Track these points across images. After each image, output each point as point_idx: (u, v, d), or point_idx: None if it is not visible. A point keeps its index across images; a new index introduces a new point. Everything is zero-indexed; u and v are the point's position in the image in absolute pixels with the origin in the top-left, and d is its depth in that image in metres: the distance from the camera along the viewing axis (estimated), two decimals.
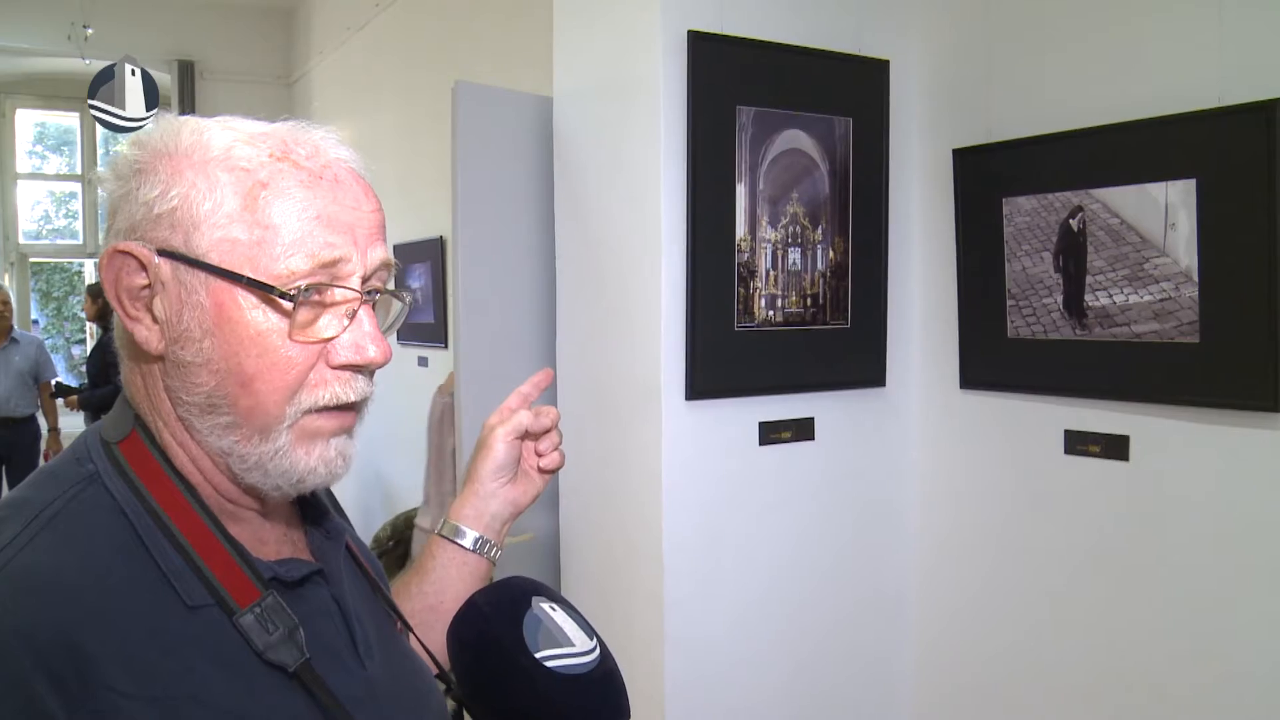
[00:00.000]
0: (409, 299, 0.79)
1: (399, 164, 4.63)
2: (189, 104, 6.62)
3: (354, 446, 0.75)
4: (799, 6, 2.01)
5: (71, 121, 8.19)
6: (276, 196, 0.68)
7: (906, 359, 2.20)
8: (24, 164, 8.08)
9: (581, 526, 2.18)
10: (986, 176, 1.99)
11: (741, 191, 1.92)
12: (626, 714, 0.84)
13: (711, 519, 1.97)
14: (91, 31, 6.00)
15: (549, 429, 1.02)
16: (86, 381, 5.64)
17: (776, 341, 2.00)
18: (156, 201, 0.68)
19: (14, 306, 5.77)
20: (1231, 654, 1.65)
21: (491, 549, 0.99)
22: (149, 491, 0.69)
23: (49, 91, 7.75)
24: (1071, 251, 1.83)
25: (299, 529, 0.81)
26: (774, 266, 1.98)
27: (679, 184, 1.88)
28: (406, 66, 4.80)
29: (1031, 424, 1.96)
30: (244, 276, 0.67)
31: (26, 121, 8.13)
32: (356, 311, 0.71)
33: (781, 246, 1.99)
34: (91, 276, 7.98)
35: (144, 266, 0.68)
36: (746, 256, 1.94)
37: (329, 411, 0.71)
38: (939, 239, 2.13)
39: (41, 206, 8.39)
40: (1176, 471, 1.72)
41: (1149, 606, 1.77)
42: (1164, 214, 1.67)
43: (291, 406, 0.69)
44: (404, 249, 4.39)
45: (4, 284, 6.94)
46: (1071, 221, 1.83)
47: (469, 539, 0.98)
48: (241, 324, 0.67)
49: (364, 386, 0.73)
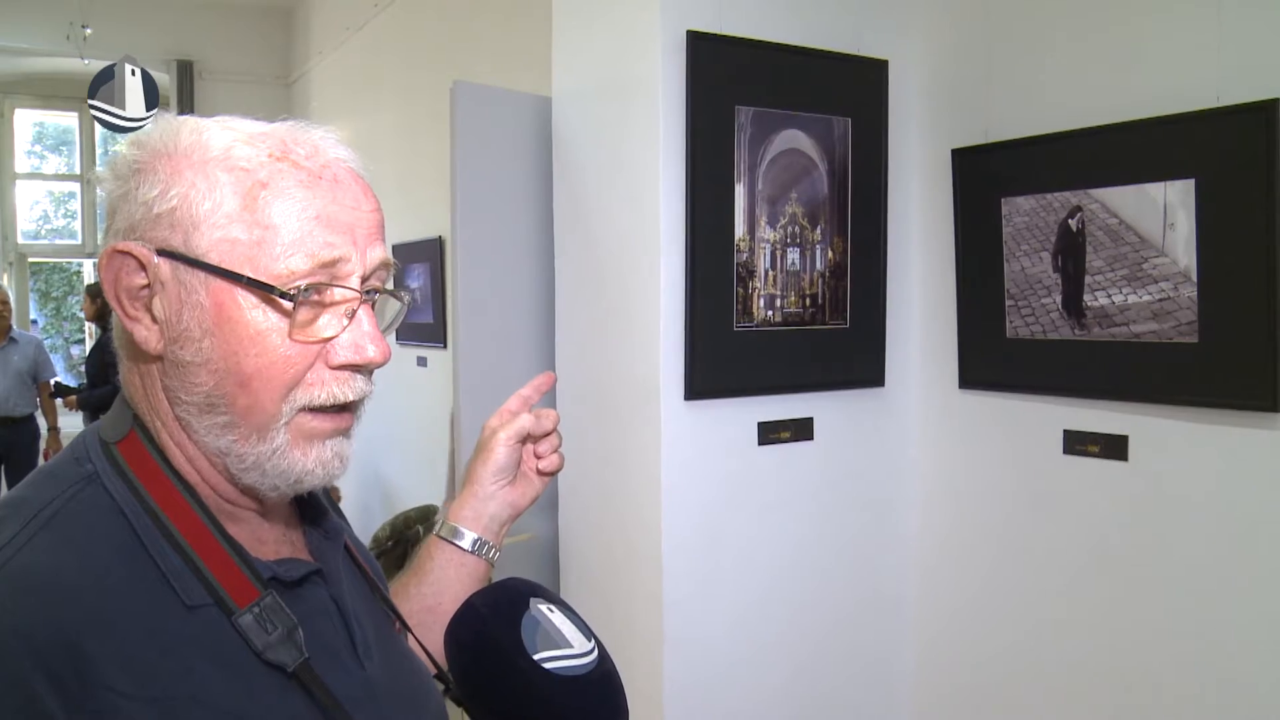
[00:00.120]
0: (408, 299, 0.79)
1: (398, 164, 4.63)
2: (188, 104, 6.61)
3: (351, 447, 0.75)
4: (798, 6, 2.01)
5: (70, 121, 8.18)
6: (276, 196, 0.68)
7: (905, 359, 2.20)
8: (22, 164, 8.07)
9: (580, 527, 2.18)
10: (985, 176, 1.99)
11: (740, 191, 1.92)
12: (625, 715, 0.84)
13: (711, 519, 1.97)
14: (90, 31, 6.00)
15: (549, 432, 1.02)
16: (85, 381, 5.64)
17: (775, 341, 2.00)
18: (156, 201, 0.68)
19: (13, 306, 5.76)
20: (1231, 654, 1.65)
21: (490, 550, 0.99)
22: (147, 491, 0.69)
23: (48, 91, 7.74)
24: (1070, 251, 1.83)
25: (297, 529, 0.81)
26: (773, 266, 1.98)
27: (678, 184, 1.88)
28: (405, 66, 4.80)
29: (1030, 424, 1.96)
30: (244, 276, 0.67)
31: (25, 121, 8.13)
32: (356, 311, 0.71)
33: (780, 246, 1.99)
34: (90, 276, 7.97)
35: (143, 266, 0.68)
36: (745, 256, 1.94)
37: (326, 413, 0.71)
38: (938, 239, 2.13)
39: (40, 206, 8.39)
40: (1175, 471, 1.72)
41: (1148, 606, 1.77)
42: (1163, 214, 1.67)
43: (287, 404, 0.69)
44: (403, 249, 4.39)
45: (3, 284, 6.94)
46: (1070, 221, 1.83)
47: (467, 540, 0.98)
48: (241, 324, 0.67)
49: (362, 386, 0.73)
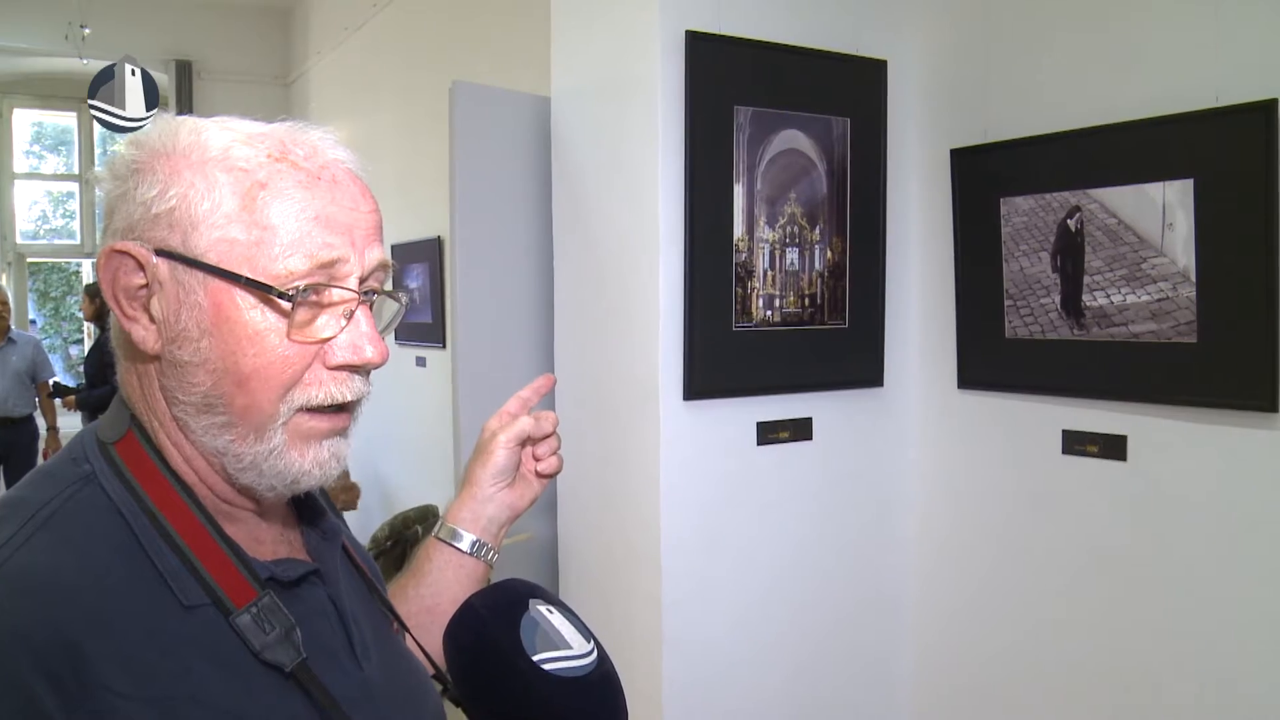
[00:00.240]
0: (405, 300, 0.79)
1: (397, 164, 4.63)
2: (186, 104, 6.61)
3: (348, 447, 0.75)
4: (797, 6, 2.01)
5: (69, 121, 8.18)
6: (275, 197, 0.68)
7: (904, 359, 2.20)
8: (21, 164, 8.07)
9: (579, 527, 2.18)
10: (984, 176, 1.99)
11: (739, 191, 1.92)
12: (624, 716, 0.84)
13: (710, 519, 1.97)
14: (89, 31, 5.99)
15: (549, 434, 1.02)
16: (84, 381, 5.64)
17: (774, 341, 2.00)
18: (154, 201, 0.68)
19: (12, 307, 5.76)
20: (1230, 654, 1.65)
21: (488, 552, 0.99)
22: (145, 492, 0.69)
23: (46, 91, 7.74)
24: (1069, 251, 1.83)
25: (295, 529, 0.81)
26: (772, 266, 1.98)
27: (677, 184, 1.88)
28: (404, 66, 4.80)
29: (1029, 424, 1.96)
30: (242, 276, 0.67)
31: (24, 121, 8.12)
32: (354, 312, 0.71)
33: (779, 246, 1.98)
34: (89, 276, 7.97)
35: (141, 266, 0.68)
36: (744, 256, 1.94)
37: (323, 413, 0.71)
38: (937, 239, 2.13)
39: (39, 206, 8.38)
40: (1174, 471, 1.72)
41: (1147, 606, 1.77)
42: (1161, 214, 1.68)
43: (284, 404, 0.69)
44: (402, 249, 4.39)
45: (2, 284, 6.93)
46: (1069, 221, 1.83)
47: (466, 542, 0.98)
48: (239, 324, 0.67)
49: (360, 386, 0.73)
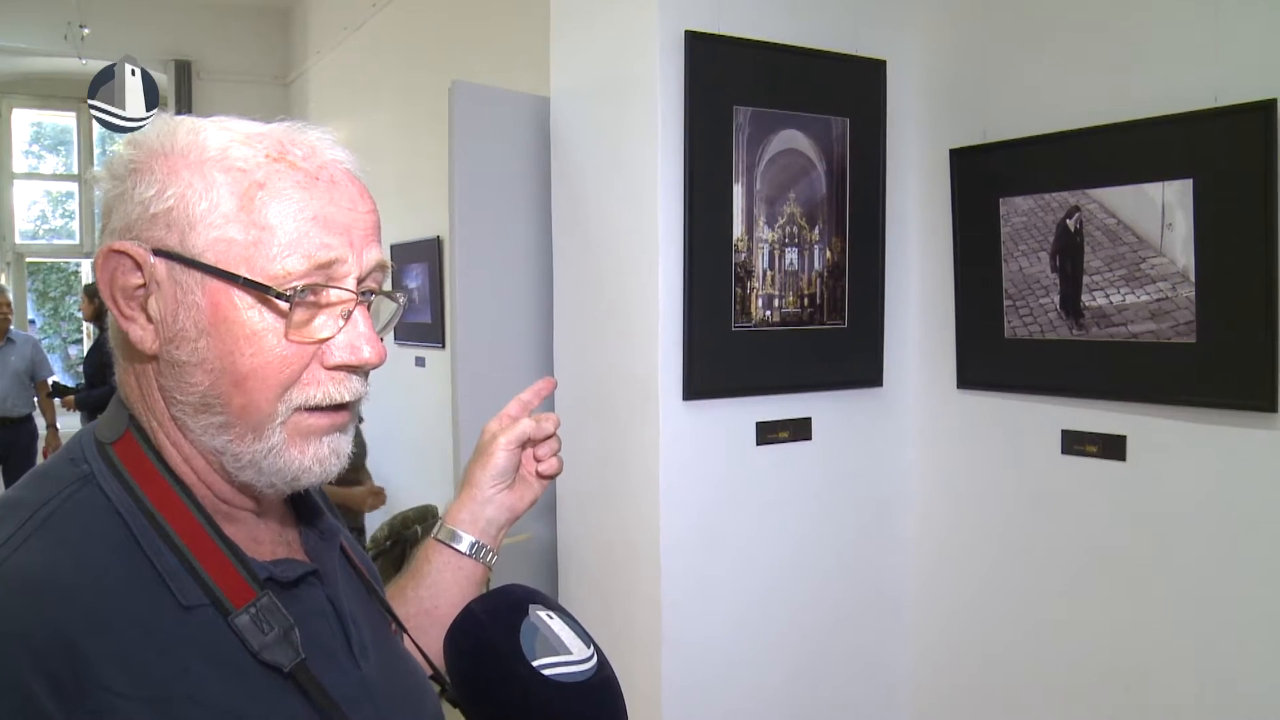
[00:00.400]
0: (404, 300, 0.79)
1: (396, 164, 4.63)
2: (185, 104, 6.61)
3: (348, 443, 0.74)
4: (796, 6, 2.01)
5: (68, 121, 8.18)
6: (273, 197, 0.67)
7: (904, 359, 2.20)
8: (20, 164, 8.07)
9: (579, 528, 2.18)
10: (983, 176, 1.99)
11: (738, 191, 1.92)
12: None
13: (709, 519, 1.97)
14: (88, 31, 5.99)
15: (549, 435, 1.01)
16: (83, 381, 5.63)
17: (773, 341, 2.00)
18: (152, 201, 0.68)
19: (13, 307, 5.76)
20: (1230, 653, 1.65)
21: (487, 554, 0.99)
22: (143, 492, 0.69)
23: (45, 91, 7.74)
24: (1068, 251, 1.83)
25: (293, 529, 0.81)
26: (771, 266, 1.98)
27: (676, 184, 1.88)
28: (404, 66, 4.80)
29: (1029, 424, 1.96)
30: (240, 276, 0.67)
31: (23, 121, 8.12)
32: (352, 312, 0.71)
33: (779, 246, 1.98)
34: (88, 276, 7.96)
35: (139, 266, 0.68)
36: (743, 257, 1.94)
37: (322, 411, 0.71)
38: (936, 239, 2.13)
39: (38, 206, 8.38)
40: (1174, 471, 1.72)
41: (1147, 606, 1.77)
42: (1161, 214, 1.68)
43: (283, 404, 0.69)
44: (402, 249, 4.39)
45: (2, 284, 6.93)
46: (1068, 221, 1.83)
47: (465, 544, 0.98)
48: (237, 324, 0.67)
49: (358, 386, 0.73)
